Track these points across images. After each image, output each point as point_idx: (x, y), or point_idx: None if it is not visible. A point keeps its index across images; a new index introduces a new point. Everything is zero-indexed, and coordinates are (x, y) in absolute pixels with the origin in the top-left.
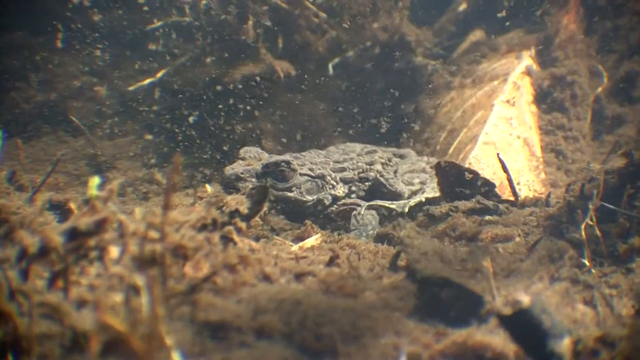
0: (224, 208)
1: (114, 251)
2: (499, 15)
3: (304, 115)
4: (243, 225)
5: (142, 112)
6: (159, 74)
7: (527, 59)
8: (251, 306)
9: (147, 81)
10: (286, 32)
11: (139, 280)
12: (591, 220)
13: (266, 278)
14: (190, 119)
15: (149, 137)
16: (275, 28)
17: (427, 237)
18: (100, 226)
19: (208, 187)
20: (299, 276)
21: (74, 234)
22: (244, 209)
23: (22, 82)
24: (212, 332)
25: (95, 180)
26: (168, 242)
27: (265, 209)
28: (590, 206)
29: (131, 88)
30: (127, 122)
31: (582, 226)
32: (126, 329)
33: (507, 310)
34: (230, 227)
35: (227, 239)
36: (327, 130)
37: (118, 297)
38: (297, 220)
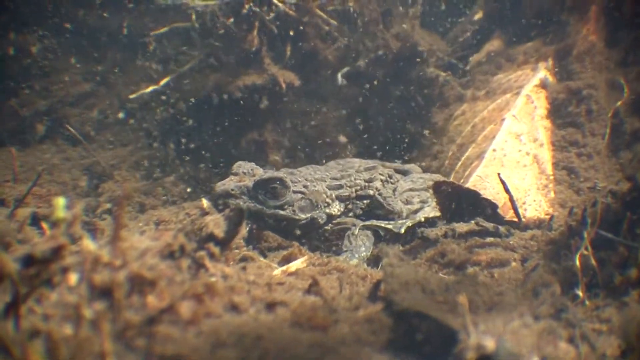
0: (203, 229)
1: (72, 278)
2: None
3: (311, 127)
4: (216, 250)
5: (143, 121)
6: (162, 82)
7: (543, 71)
8: (211, 339)
9: (149, 89)
10: (294, 41)
11: (88, 312)
12: (586, 249)
13: (234, 308)
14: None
15: (149, 147)
16: (283, 36)
17: (412, 264)
18: (56, 253)
19: (204, 202)
20: (271, 306)
21: (29, 261)
22: (219, 232)
23: (24, 87)
24: None
25: (60, 202)
26: (126, 270)
27: (245, 231)
28: (585, 234)
29: (133, 96)
30: (128, 131)
31: (577, 255)
32: None
33: (471, 356)
34: (203, 253)
35: (198, 265)
36: (336, 142)
37: (69, 329)
38: (292, 239)
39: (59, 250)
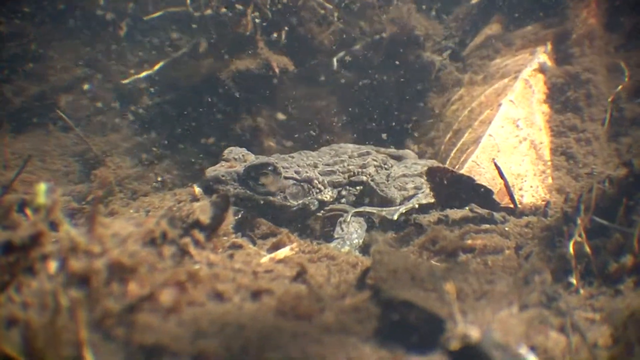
0: (190, 215)
1: (52, 266)
2: None
3: (307, 112)
4: (201, 237)
5: (137, 106)
6: (156, 67)
7: (541, 55)
8: (192, 328)
9: (143, 74)
10: (290, 25)
11: (64, 300)
12: (580, 236)
13: (218, 296)
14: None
15: (141, 133)
16: (278, 20)
17: (401, 252)
18: (35, 240)
19: (196, 188)
20: (256, 294)
21: (8, 248)
22: (205, 219)
23: (14, 73)
24: (145, 356)
25: (42, 187)
26: (105, 257)
27: (232, 217)
28: (579, 221)
29: (126, 81)
30: (120, 117)
31: (571, 243)
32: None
33: (455, 345)
34: (188, 240)
35: (183, 253)
36: (333, 128)
37: (46, 318)
38: (283, 225)
39: (38, 237)
